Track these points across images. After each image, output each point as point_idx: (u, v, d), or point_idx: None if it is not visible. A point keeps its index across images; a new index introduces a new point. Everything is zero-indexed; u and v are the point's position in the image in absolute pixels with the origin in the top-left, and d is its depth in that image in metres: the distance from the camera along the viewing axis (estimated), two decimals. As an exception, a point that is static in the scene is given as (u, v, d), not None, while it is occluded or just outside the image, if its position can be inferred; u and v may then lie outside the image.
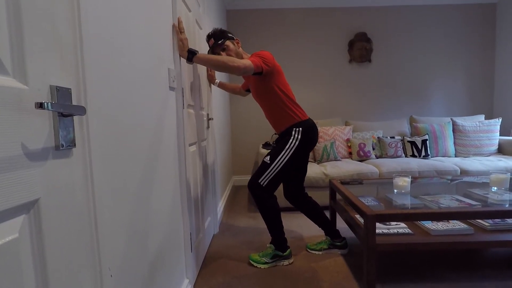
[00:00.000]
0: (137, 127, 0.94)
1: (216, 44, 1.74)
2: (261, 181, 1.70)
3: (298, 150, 1.71)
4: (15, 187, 0.47)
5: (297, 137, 1.70)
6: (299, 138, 1.70)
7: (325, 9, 3.72)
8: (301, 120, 1.74)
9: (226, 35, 1.75)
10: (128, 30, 0.89)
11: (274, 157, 1.70)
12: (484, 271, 1.61)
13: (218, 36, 1.74)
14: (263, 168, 1.71)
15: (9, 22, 0.47)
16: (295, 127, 1.72)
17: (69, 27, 0.61)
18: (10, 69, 0.48)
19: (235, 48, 1.76)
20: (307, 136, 1.72)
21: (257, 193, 1.71)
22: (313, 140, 1.77)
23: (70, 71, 0.61)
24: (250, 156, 3.95)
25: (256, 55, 1.65)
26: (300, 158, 1.76)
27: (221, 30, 1.78)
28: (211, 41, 1.76)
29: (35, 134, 0.51)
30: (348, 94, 3.84)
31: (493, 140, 3.22)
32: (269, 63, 1.64)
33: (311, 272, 1.67)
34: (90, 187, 0.66)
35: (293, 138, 1.71)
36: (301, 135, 1.71)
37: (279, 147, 1.73)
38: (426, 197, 1.69)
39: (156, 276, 1.07)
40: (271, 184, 1.71)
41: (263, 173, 1.70)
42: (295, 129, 1.72)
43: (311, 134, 1.74)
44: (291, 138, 1.71)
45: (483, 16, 3.73)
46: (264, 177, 1.70)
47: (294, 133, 1.71)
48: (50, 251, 0.54)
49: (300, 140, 1.70)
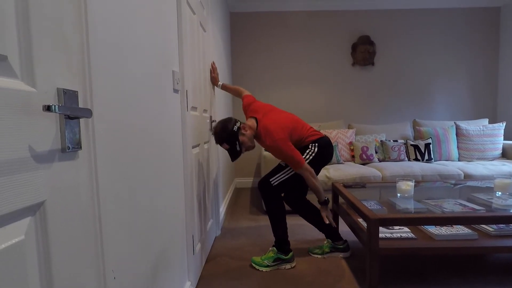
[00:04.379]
0: (142, 129, 0.95)
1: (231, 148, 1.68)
2: (272, 181, 1.77)
3: (313, 162, 1.77)
4: (22, 189, 0.47)
5: (314, 150, 1.80)
6: (315, 151, 1.79)
7: (328, 12, 3.73)
8: (318, 138, 1.82)
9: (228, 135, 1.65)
10: (134, 33, 0.90)
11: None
12: (488, 276, 1.59)
13: (225, 140, 1.67)
14: (277, 170, 1.79)
15: (18, 25, 0.48)
16: (312, 143, 1.81)
17: (76, 30, 0.61)
18: (18, 72, 0.48)
19: (243, 137, 1.69)
20: (323, 151, 1.80)
21: (266, 191, 1.78)
22: (328, 156, 1.84)
23: (76, 74, 0.61)
24: (252, 159, 3.95)
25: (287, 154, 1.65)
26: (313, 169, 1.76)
27: (222, 131, 1.66)
28: (224, 146, 1.69)
29: (42, 137, 0.52)
30: (351, 97, 3.84)
31: (497, 145, 3.20)
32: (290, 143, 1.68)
33: (313, 275, 1.66)
34: (95, 189, 0.67)
35: (310, 150, 1.80)
36: (318, 149, 1.79)
37: None
38: (430, 202, 1.68)
39: (158, 278, 1.07)
40: (281, 186, 1.78)
41: (276, 174, 1.78)
42: (312, 144, 1.80)
43: (327, 150, 1.82)
44: (307, 150, 1.80)
45: (487, 19, 3.72)
46: (276, 178, 1.77)
47: (311, 146, 1.80)
48: (55, 253, 0.54)
49: (316, 153, 1.79)
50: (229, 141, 1.67)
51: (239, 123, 1.71)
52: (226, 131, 1.66)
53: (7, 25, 0.46)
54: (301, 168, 1.67)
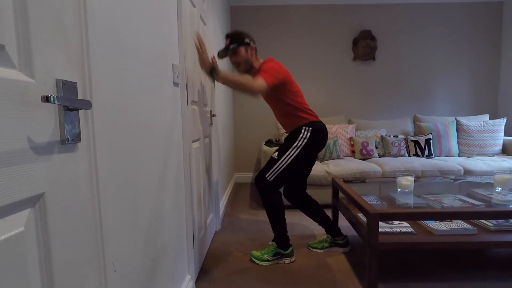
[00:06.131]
0: (142, 122, 0.94)
1: (229, 48, 1.74)
2: (268, 176, 1.72)
3: (306, 148, 1.72)
4: (21, 181, 0.47)
5: (306, 135, 1.72)
6: (308, 136, 1.72)
7: (330, 6, 3.70)
8: (312, 121, 1.76)
9: (242, 40, 1.74)
10: (133, 25, 0.89)
11: (282, 153, 1.73)
12: (487, 271, 1.60)
13: (234, 39, 1.74)
14: (271, 164, 1.74)
15: (16, 15, 0.47)
16: (305, 126, 1.74)
17: (75, 20, 0.60)
18: (16, 62, 0.47)
19: (246, 55, 1.75)
20: (316, 136, 1.74)
21: (262, 187, 1.73)
22: (322, 140, 1.77)
23: (75, 64, 0.60)
24: (252, 153, 3.94)
25: (266, 71, 1.63)
26: (308, 157, 1.76)
27: (240, 33, 1.76)
28: (227, 42, 1.76)
29: (41, 128, 0.51)
30: (352, 92, 3.82)
31: (498, 140, 3.19)
32: (279, 75, 1.65)
33: (313, 270, 1.67)
34: (94, 181, 0.66)
35: (302, 135, 1.72)
36: (310, 134, 1.72)
37: (287, 143, 1.75)
38: (429, 197, 1.69)
39: (158, 272, 1.07)
40: (277, 180, 1.73)
41: (270, 168, 1.73)
42: (305, 128, 1.74)
43: (321, 134, 1.76)
44: (300, 136, 1.73)
45: (489, 14, 3.69)
46: (271, 172, 1.72)
47: (304, 131, 1.73)
48: (55, 245, 0.54)
49: (309, 139, 1.72)
50: (233, 41, 1.73)
51: (253, 46, 1.78)
52: (240, 34, 1.75)
53: (5, 14, 0.45)
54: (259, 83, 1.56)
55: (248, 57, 1.76)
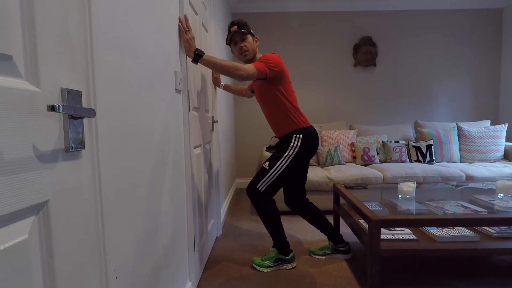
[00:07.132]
0: (144, 130, 0.95)
1: (239, 31, 1.74)
2: (259, 187, 1.69)
3: (297, 157, 1.69)
4: (26, 189, 0.48)
5: (297, 143, 1.69)
6: (298, 145, 1.69)
7: (330, 13, 3.73)
8: (302, 127, 1.72)
9: (249, 29, 1.78)
10: (136, 34, 0.90)
11: (272, 164, 1.70)
12: (489, 278, 1.59)
13: (243, 26, 1.76)
14: (262, 174, 1.70)
15: (23, 25, 0.48)
16: (295, 133, 1.70)
17: (79, 30, 0.61)
18: (23, 72, 0.48)
19: (253, 44, 1.77)
20: (307, 144, 1.70)
21: (255, 198, 1.70)
22: (313, 148, 1.74)
23: (80, 73, 0.61)
24: (253, 159, 3.95)
25: (262, 59, 1.63)
26: (300, 165, 1.74)
27: (247, 23, 1.79)
28: (233, 28, 1.75)
29: (46, 136, 0.52)
30: (353, 98, 3.84)
31: (499, 146, 3.19)
32: (274, 67, 1.63)
33: (314, 276, 1.66)
34: (97, 189, 0.67)
35: (293, 144, 1.69)
36: (301, 142, 1.69)
37: (278, 153, 1.72)
38: (431, 203, 1.68)
39: (159, 278, 1.07)
40: (269, 190, 1.70)
41: (261, 179, 1.69)
42: (295, 136, 1.70)
43: (311, 142, 1.72)
44: (290, 145, 1.69)
45: (489, 21, 3.71)
46: (262, 183, 1.69)
47: (294, 139, 1.69)
48: (58, 252, 0.54)
49: (299, 147, 1.69)
50: (242, 27, 1.75)
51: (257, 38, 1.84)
52: (246, 23, 1.79)
53: (12, 25, 0.46)
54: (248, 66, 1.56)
55: (254, 47, 1.78)
